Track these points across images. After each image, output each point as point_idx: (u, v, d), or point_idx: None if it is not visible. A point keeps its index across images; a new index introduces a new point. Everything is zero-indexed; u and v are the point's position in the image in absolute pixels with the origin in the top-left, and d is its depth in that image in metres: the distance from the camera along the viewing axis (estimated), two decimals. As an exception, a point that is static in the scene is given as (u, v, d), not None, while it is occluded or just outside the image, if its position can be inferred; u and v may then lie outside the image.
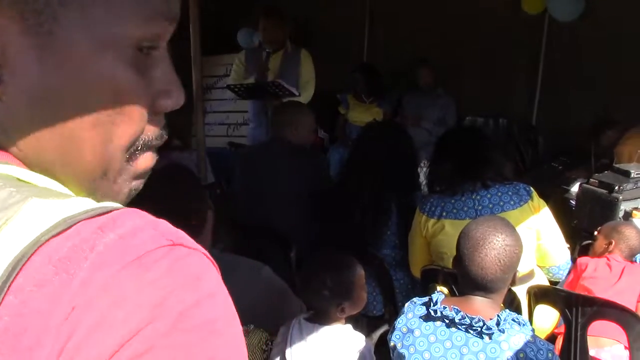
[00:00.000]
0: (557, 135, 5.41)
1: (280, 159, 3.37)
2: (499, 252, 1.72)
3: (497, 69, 5.72)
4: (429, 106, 5.80)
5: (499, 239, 1.74)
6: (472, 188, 2.54)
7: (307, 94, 4.73)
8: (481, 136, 2.72)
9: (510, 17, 5.49)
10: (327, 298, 1.96)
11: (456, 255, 1.82)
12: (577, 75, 5.20)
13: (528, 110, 5.64)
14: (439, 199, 2.62)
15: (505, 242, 1.75)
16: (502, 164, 2.63)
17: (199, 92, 4.83)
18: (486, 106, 5.87)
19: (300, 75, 4.71)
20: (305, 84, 4.71)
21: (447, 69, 5.97)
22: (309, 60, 4.77)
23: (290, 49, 4.75)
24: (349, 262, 2.05)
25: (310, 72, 4.77)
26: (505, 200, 2.49)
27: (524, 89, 5.67)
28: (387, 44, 6.60)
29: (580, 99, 5.17)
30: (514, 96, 5.77)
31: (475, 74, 5.90)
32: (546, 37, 5.36)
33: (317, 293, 1.97)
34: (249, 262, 2.12)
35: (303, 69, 4.73)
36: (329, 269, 1.99)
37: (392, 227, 2.96)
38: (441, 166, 2.66)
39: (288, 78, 4.64)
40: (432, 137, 5.65)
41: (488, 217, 1.85)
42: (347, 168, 3.13)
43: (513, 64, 5.65)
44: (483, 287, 1.75)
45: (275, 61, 4.74)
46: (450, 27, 5.92)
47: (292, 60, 4.72)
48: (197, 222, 2.07)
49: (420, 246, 2.73)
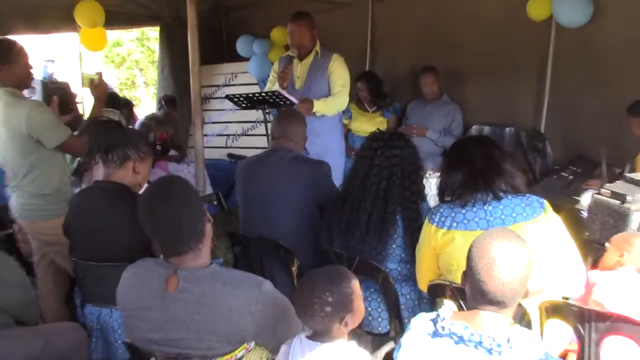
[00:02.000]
0: (566, 144, 5.40)
1: (282, 168, 3.36)
2: (518, 267, 1.71)
3: (503, 75, 5.71)
4: (434, 115, 5.80)
5: (518, 253, 1.72)
6: (484, 199, 2.53)
7: (340, 100, 4.68)
8: (494, 145, 2.69)
9: (515, 22, 5.48)
10: (329, 315, 1.94)
11: (468, 270, 1.79)
12: (586, 80, 5.19)
13: (536, 117, 5.62)
14: (450, 210, 2.60)
15: (524, 256, 1.73)
16: (514, 175, 2.61)
17: (198, 103, 4.84)
18: (492, 114, 5.87)
19: (330, 82, 4.67)
20: (338, 90, 4.65)
21: (451, 77, 5.97)
22: (341, 65, 4.70)
23: (321, 54, 4.71)
24: (342, 273, 2.03)
25: (342, 78, 4.69)
26: (518, 212, 2.48)
27: (532, 95, 5.65)
28: (389, 52, 6.60)
29: (590, 105, 5.16)
30: (521, 103, 5.75)
31: (481, 82, 5.90)
32: (554, 42, 5.35)
33: (319, 312, 1.94)
34: (249, 276, 2.11)
35: (334, 74, 4.67)
36: (325, 285, 1.96)
37: (397, 240, 2.94)
38: (452, 176, 2.64)
39: (316, 84, 4.62)
40: (437, 146, 5.66)
41: (501, 230, 1.82)
42: (350, 179, 3.12)
43: (519, 70, 5.63)
44: (498, 302, 1.73)
45: (304, 67, 4.72)
46: (454, 34, 5.93)
47: (321, 66, 4.68)
48: (194, 235, 2.07)
49: (428, 258, 2.71)
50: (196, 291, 2.00)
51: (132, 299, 2.13)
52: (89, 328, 2.89)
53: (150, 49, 16.72)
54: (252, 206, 3.46)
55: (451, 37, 5.94)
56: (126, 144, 2.90)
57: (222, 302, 1.99)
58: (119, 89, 16.14)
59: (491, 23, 5.64)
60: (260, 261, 3.33)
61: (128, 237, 2.71)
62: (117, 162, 2.89)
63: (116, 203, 2.80)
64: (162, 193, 2.09)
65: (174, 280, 2.03)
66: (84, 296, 2.98)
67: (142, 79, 17.98)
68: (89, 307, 2.89)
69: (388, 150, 3.02)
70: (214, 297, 1.99)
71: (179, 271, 2.04)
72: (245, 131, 7.43)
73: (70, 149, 3.69)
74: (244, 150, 7.25)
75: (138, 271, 2.17)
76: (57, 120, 3.64)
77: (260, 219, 3.37)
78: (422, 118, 5.84)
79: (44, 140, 3.53)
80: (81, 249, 2.89)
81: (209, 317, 1.99)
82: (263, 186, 3.38)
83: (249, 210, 3.49)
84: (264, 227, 3.31)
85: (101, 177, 2.97)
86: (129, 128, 5.13)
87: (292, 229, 3.29)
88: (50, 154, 3.61)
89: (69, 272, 3.54)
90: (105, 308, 2.82)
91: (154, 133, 6.69)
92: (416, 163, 3.05)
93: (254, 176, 3.45)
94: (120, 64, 17.52)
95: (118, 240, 2.76)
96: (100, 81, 3.86)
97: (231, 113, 7.41)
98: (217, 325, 2.00)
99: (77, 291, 3.12)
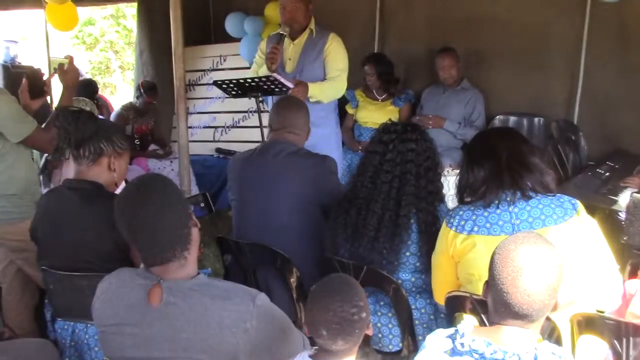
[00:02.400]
0: (602, 136, 5.41)
1: (280, 165, 3.38)
2: (548, 276, 1.72)
3: (531, 58, 5.72)
4: (452, 103, 5.82)
5: (546, 260, 1.74)
6: (510, 199, 2.53)
7: (338, 86, 4.67)
8: (521, 138, 2.70)
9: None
10: (358, 334, 1.96)
11: (490, 280, 1.81)
12: (624, 65, 5.19)
13: (568, 107, 5.63)
14: (470, 212, 2.61)
15: (554, 264, 1.74)
16: (544, 171, 2.61)
17: (182, 90, 4.83)
18: (519, 103, 5.88)
19: (326, 65, 4.67)
20: (336, 74, 4.64)
21: (473, 59, 5.97)
22: (339, 46, 4.70)
23: (315, 33, 4.70)
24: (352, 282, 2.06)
25: (340, 60, 4.69)
26: (547, 214, 2.48)
27: (563, 81, 5.66)
28: (401, 31, 6.61)
29: (629, 92, 5.16)
30: (552, 90, 5.77)
31: (506, 65, 5.91)
32: (588, 22, 5.36)
33: (349, 331, 1.95)
34: (241, 289, 2.11)
35: (331, 56, 4.66)
36: (352, 297, 1.98)
37: (411, 247, 2.96)
38: (473, 173, 2.65)
39: (310, 67, 4.61)
40: (456, 139, 5.67)
41: (528, 234, 1.83)
42: (357, 177, 3.13)
43: (550, 52, 5.64)
44: (524, 316, 1.74)
45: (296, 47, 4.72)
46: (475, 11, 5.93)
47: (316, 47, 4.67)
48: (179, 242, 2.08)
49: (446, 267, 2.72)
50: (182, 305, 2.01)
51: (109, 314, 2.13)
52: (61, 345, 2.90)
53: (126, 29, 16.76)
54: (246, 208, 3.47)
55: (472, 13, 5.95)
56: (100, 137, 2.89)
57: (212, 318, 1.99)
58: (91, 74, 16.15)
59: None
60: (254, 271, 3.35)
61: (104, 244, 2.72)
62: (90, 158, 2.89)
63: (89, 205, 2.81)
64: (142, 193, 2.09)
65: (157, 293, 2.03)
66: (55, 310, 2.98)
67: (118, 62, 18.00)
68: (61, 322, 2.90)
69: (401, 144, 3.03)
70: (202, 312, 2.00)
71: (163, 282, 2.05)
72: (235, 122, 7.44)
73: (36, 143, 3.70)
74: (234, 144, 7.26)
75: (116, 282, 2.17)
76: (22, 111, 3.64)
77: (255, 223, 3.39)
78: (439, 107, 5.86)
79: (7, 133, 3.54)
80: (51, 256, 2.89)
81: (197, 335, 2.00)
82: (259, 185, 3.40)
83: (242, 213, 3.50)
84: (259, 232, 3.32)
85: (72, 175, 2.96)
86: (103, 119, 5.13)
87: (291, 234, 3.31)
88: (15, 148, 3.62)
89: (38, 283, 3.56)
90: (80, 323, 2.83)
91: (132, 125, 6.71)
92: (433, 158, 3.06)
93: (249, 174, 3.46)
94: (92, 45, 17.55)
95: (92, 247, 2.77)
96: (70, 66, 3.87)
97: (220, 102, 7.42)
98: (206, 344, 2.00)
99: (48, 304, 3.13)
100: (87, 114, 3.03)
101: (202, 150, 7.41)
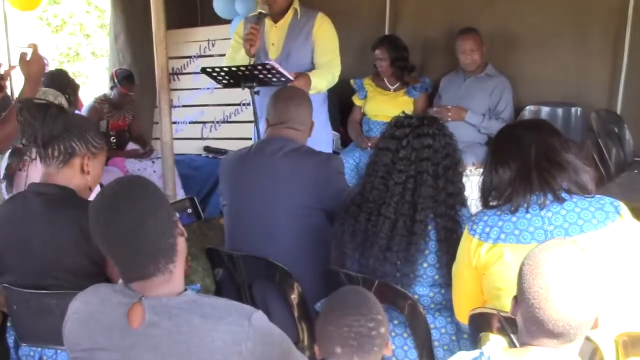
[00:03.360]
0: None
1: (279, 165, 3.40)
2: (586, 288, 1.73)
3: (568, 40, 5.72)
4: (475, 92, 5.82)
5: (584, 272, 1.74)
6: (541, 202, 2.54)
7: (335, 72, 4.68)
8: (553, 131, 2.70)
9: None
10: (378, 352, 1.98)
11: (519, 294, 1.82)
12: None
13: (611, 95, 5.64)
14: (496, 217, 2.62)
15: (593, 275, 1.75)
16: (581, 170, 2.61)
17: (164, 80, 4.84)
18: (553, 91, 5.88)
19: (316, 49, 4.68)
20: (329, 59, 4.66)
21: (499, 42, 5.97)
22: (330, 27, 4.71)
23: (300, 13, 4.71)
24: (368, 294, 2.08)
25: (329, 44, 4.70)
26: (586, 219, 2.49)
27: (605, 66, 5.66)
28: (416, 10, 6.61)
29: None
30: (592, 77, 5.77)
31: (538, 48, 5.91)
32: None
33: (369, 348, 1.98)
34: (235, 306, 2.12)
35: (322, 40, 4.68)
36: (370, 309, 2.00)
37: (428, 257, 2.97)
38: (498, 174, 2.65)
39: (297, 53, 4.63)
40: (480, 133, 5.68)
41: (563, 242, 1.84)
42: (367, 178, 3.14)
43: (590, 33, 5.64)
44: (559, 335, 1.75)
45: (280, 30, 4.72)
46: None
47: (303, 29, 4.68)
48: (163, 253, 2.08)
49: (469, 280, 2.73)
50: (168, 326, 2.02)
51: (83, 337, 2.13)
52: (26, 375, 2.92)
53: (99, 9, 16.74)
54: (240, 215, 3.49)
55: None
56: (71, 134, 2.87)
57: (202, 340, 2.00)
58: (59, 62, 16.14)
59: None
60: (250, 287, 3.36)
61: (76, 258, 2.74)
62: (59, 159, 2.87)
63: (59, 213, 2.81)
64: (120, 199, 2.08)
65: (138, 312, 2.04)
66: (19, 334, 2.98)
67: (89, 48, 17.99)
68: (26, 347, 2.90)
69: (416, 139, 3.04)
70: (191, 333, 2.01)
71: (145, 300, 2.05)
72: (227, 117, 7.45)
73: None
74: (225, 142, 7.27)
75: (91, 301, 2.17)
76: None
77: (250, 232, 3.41)
78: (460, 97, 5.87)
79: None
80: (15, 273, 2.88)
81: None
82: (254, 188, 3.42)
83: (236, 221, 3.52)
84: (255, 243, 3.35)
85: (39, 178, 2.97)
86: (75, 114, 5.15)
87: (292, 244, 3.33)
88: (-30, 148, 3.64)
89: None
90: (49, 349, 2.83)
91: (107, 120, 6.72)
92: (452, 156, 3.07)
93: (243, 175, 3.48)
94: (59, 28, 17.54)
95: (63, 261, 2.77)
96: (35, 55, 3.87)
97: (208, 93, 7.43)
98: (196, 370, 2.02)
99: (10, 327, 3.14)
100: (57, 107, 3.02)
101: (188, 149, 7.42)
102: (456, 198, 3.03)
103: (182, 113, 7.68)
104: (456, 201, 3.02)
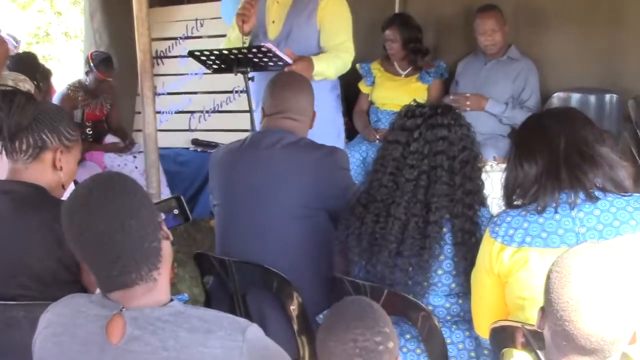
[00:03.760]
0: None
1: (276, 160, 3.41)
2: (620, 300, 1.72)
3: (601, 20, 5.71)
4: (497, 77, 5.81)
5: (620, 280, 1.74)
6: (572, 201, 2.54)
7: (346, 57, 4.68)
8: (584, 121, 2.70)
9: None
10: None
11: (547, 305, 1.82)
12: None
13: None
14: (521, 218, 2.61)
15: (631, 284, 1.74)
16: (615, 165, 2.61)
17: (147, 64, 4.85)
18: (585, 76, 5.87)
19: (322, 29, 4.68)
20: (339, 42, 4.65)
21: (523, 21, 5.96)
22: (338, 6, 4.71)
23: None
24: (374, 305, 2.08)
25: (338, 25, 4.70)
26: (623, 220, 2.48)
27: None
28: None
29: None
30: (629, 59, 5.76)
31: (568, 28, 5.90)
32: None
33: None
34: (227, 319, 2.12)
35: (329, 18, 4.67)
36: (378, 322, 2.01)
37: (444, 263, 2.97)
38: (523, 169, 2.65)
39: (299, 33, 4.62)
40: (502, 124, 5.68)
41: (595, 246, 1.83)
42: (374, 175, 3.14)
43: (625, 10, 5.63)
44: (591, 351, 1.75)
45: (282, 7, 4.73)
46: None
47: (308, 5, 4.68)
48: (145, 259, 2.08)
49: (490, 290, 2.73)
50: (152, 341, 2.01)
51: (55, 354, 2.13)
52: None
53: (72, -16, 16.74)
54: (232, 216, 3.50)
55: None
56: (42, 125, 2.87)
57: (190, 357, 2.00)
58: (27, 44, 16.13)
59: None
60: (244, 297, 3.37)
61: (46, 264, 2.74)
62: (28, 154, 2.87)
63: (28, 213, 2.81)
64: (96, 198, 2.06)
65: (119, 326, 2.03)
66: (-17, 350, 3.01)
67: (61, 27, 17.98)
68: (-9, 366, 2.93)
69: (429, 131, 3.04)
70: (177, 349, 2.00)
71: (126, 312, 2.05)
72: (217, 106, 7.46)
73: None
74: (216, 134, 7.28)
75: (64, 313, 2.17)
76: None
77: (244, 235, 3.41)
78: (480, 83, 5.87)
79: None
80: (-22, 281, 2.91)
81: (172, 379, 2.01)
82: (249, 186, 3.42)
83: (228, 222, 3.53)
84: (249, 247, 3.35)
85: (5, 175, 2.97)
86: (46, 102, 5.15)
87: (291, 248, 3.34)
88: None
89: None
90: (16, 368, 2.85)
91: (82, 110, 6.71)
92: (470, 149, 3.07)
93: (236, 172, 3.49)
94: (26, 5, 17.53)
95: (32, 268, 2.77)
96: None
97: (197, 79, 7.44)
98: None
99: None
100: (25, 95, 3.02)
101: (174, 141, 7.43)
102: (474, 197, 3.03)
103: (167, 101, 7.68)
104: (475, 200, 3.02)
